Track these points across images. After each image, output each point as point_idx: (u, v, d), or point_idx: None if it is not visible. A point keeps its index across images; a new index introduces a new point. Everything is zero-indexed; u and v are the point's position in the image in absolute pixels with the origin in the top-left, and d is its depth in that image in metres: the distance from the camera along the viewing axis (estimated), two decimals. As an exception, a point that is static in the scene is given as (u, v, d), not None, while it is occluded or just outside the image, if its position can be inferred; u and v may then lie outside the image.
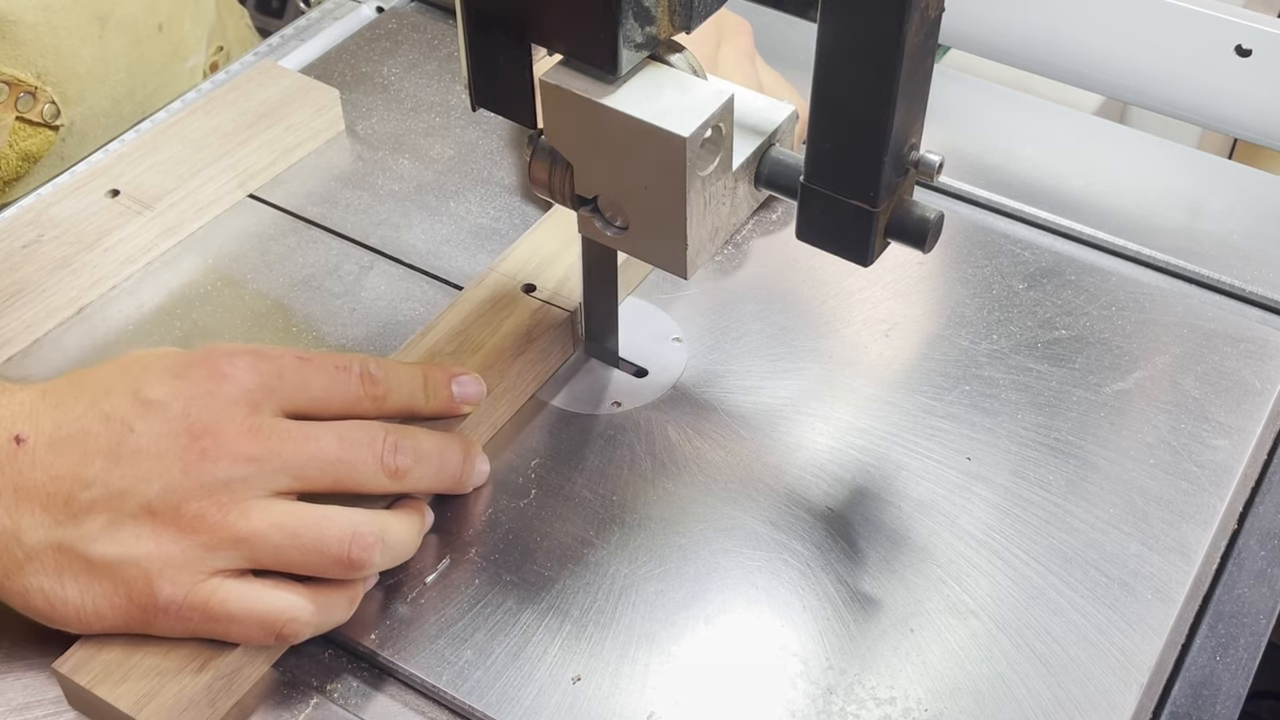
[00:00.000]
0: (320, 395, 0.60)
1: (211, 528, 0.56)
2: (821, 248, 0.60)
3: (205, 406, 0.57)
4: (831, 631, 0.60)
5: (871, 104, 0.54)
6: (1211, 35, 0.85)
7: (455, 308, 0.71)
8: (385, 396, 0.61)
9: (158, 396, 0.57)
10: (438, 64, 0.91)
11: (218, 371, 0.58)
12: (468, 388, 0.65)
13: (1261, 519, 0.67)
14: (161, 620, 0.56)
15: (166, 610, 0.56)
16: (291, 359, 0.60)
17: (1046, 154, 0.85)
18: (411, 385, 0.63)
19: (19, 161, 0.87)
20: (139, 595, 0.56)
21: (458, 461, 0.63)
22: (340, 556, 0.57)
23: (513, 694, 0.58)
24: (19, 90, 0.84)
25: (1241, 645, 0.62)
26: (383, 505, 0.61)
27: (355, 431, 0.59)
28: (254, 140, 0.81)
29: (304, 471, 0.57)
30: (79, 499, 0.56)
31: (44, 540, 0.56)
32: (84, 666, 0.57)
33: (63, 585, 0.56)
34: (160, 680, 0.56)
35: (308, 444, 0.58)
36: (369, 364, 0.61)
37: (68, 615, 0.56)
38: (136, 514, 0.56)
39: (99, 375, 0.59)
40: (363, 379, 0.61)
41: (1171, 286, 0.77)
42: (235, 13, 1.07)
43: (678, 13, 0.57)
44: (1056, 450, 0.68)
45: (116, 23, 0.89)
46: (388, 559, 0.59)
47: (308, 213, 0.80)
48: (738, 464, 0.67)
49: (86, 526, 0.55)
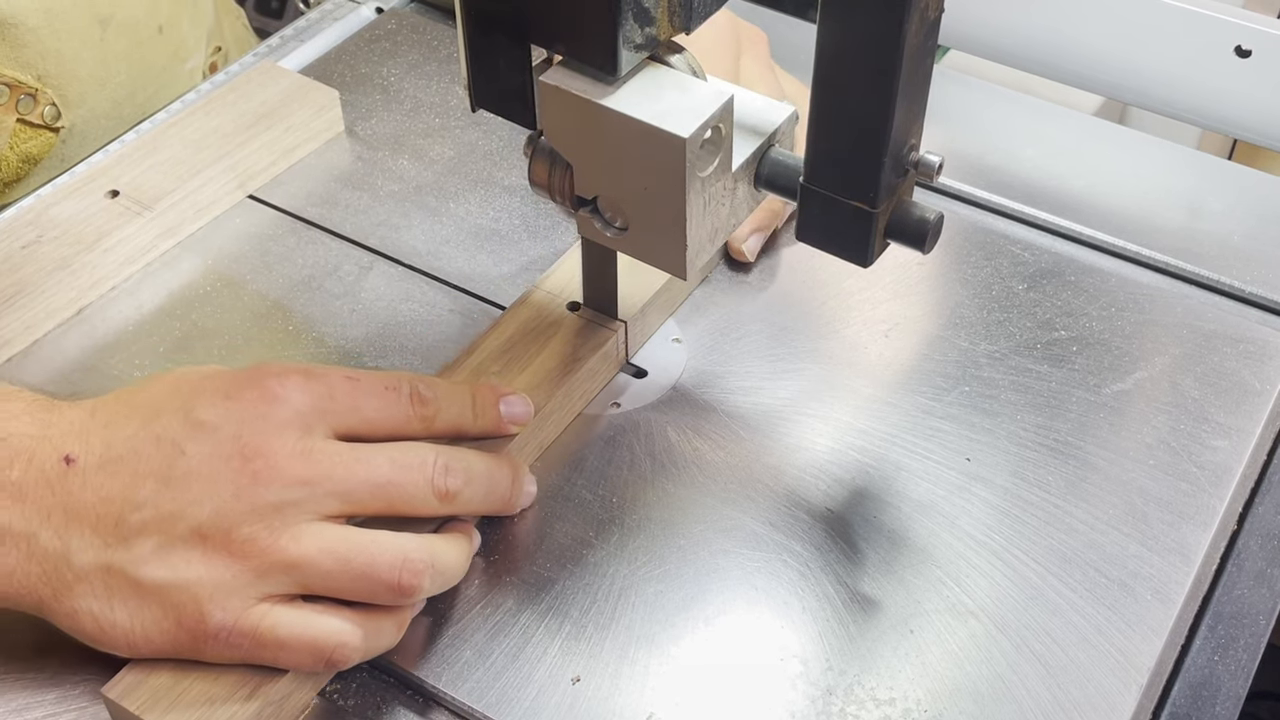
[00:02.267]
0: (371, 416, 0.59)
1: (262, 552, 0.55)
2: (821, 248, 0.60)
3: (257, 429, 0.56)
4: (831, 632, 0.60)
5: (871, 105, 0.54)
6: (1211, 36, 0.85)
7: (500, 326, 0.70)
8: (434, 417, 0.60)
9: (209, 418, 0.56)
10: (437, 65, 0.91)
11: (269, 393, 0.57)
12: (515, 408, 0.64)
13: (1261, 520, 0.67)
14: (211, 646, 0.56)
15: (216, 636, 0.55)
16: (341, 379, 0.59)
17: (1046, 155, 0.85)
18: (460, 405, 0.62)
19: (19, 163, 0.87)
20: (189, 620, 0.55)
21: (507, 483, 0.62)
22: (391, 583, 0.56)
23: (512, 694, 0.58)
24: (20, 92, 0.84)
25: (1241, 646, 0.62)
26: (430, 528, 0.60)
27: (406, 454, 0.58)
28: (254, 141, 0.81)
29: (355, 495, 0.57)
30: (129, 521, 0.55)
31: (93, 562, 0.55)
32: (133, 692, 0.56)
33: (112, 608, 0.55)
34: (209, 709, 0.55)
35: (359, 466, 0.57)
36: (418, 384, 0.60)
37: (116, 639, 0.56)
38: (187, 537, 0.55)
39: (149, 394, 0.58)
40: (412, 399, 0.60)
41: (1171, 287, 0.77)
42: (232, 13, 1.07)
43: (677, 14, 0.57)
44: (1056, 451, 0.68)
45: (118, 25, 0.89)
46: (438, 584, 0.59)
47: (307, 213, 0.80)
48: (737, 465, 0.67)
49: (137, 549, 0.55)
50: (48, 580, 0.55)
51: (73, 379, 0.71)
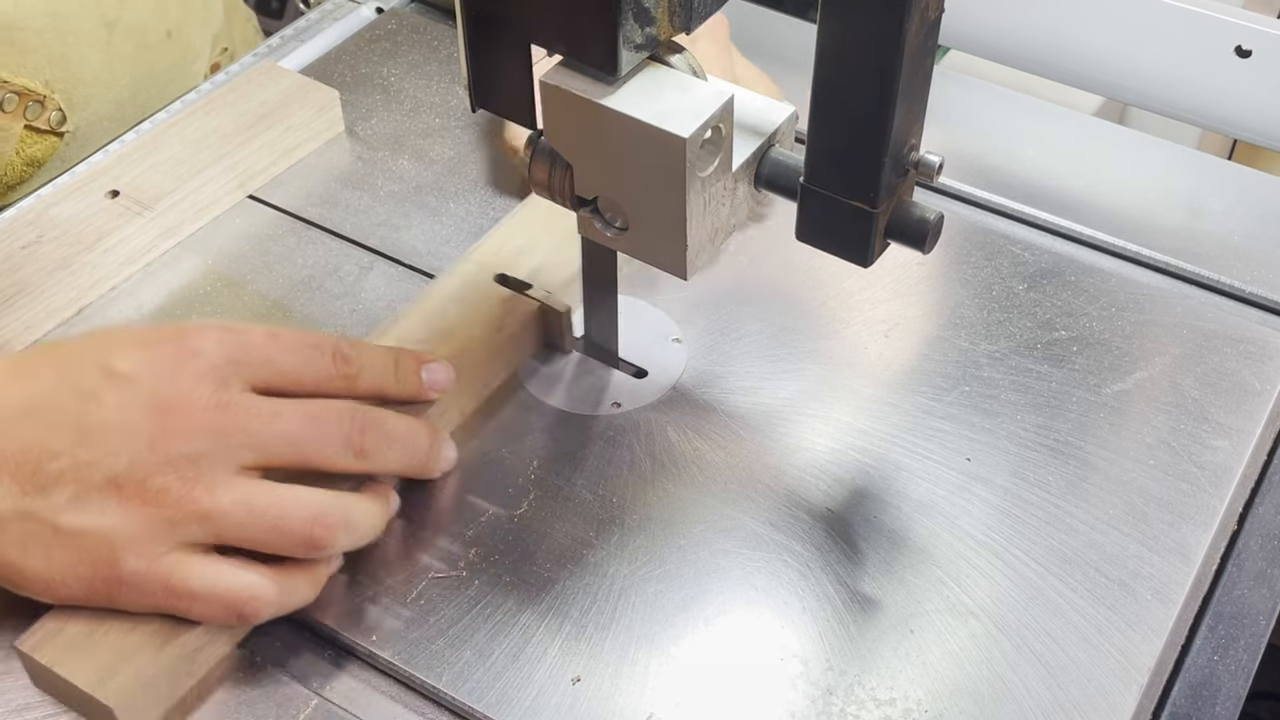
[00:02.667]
0: (289, 372, 0.60)
1: (176, 502, 0.56)
2: (821, 248, 0.60)
3: (172, 381, 0.57)
4: (831, 632, 0.60)
5: (871, 105, 0.54)
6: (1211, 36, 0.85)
7: (427, 297, 0.71)
8: (357, 376, 0.62)
9: (124, 369, 0.57)
10: (438, 65, 0.91)
11: (186, 346, 0.58)
12: (436, 374, 0.65)
13: (1261, 520, 0.67)
14: (124, 593, 0.56)
15: (129, 582, 0.56)
16: (261, 334, 0.60)
17: (1046, 155, 0.85)
18: (383, 367, 0.63)
19: (23, 167, 0.87)
20: (103, 566, 0.56)
21: (425, 445, 0.63)
22: (303, 536, 0.57)
23: (512, 695, 0.58)
24: (28, 99, 0.84)
25: (1241, 646, 0.62)
26: (349, 487, 0.61)
27: (324, 410, 0.59)
28: (254, 141, 0.81)
29: (270, 448, 0.58)
30: (47, 469, 0.56)
31: (11, 509, 0.56)
32: (46, 644, 0.57)
33: (28, 554, 0.56)
34: (120, 658, 0.56)
35: (275, 420, 0.58)
36: (342, 344, 0.62)
37: (33, 583, 0.57)
38: (103, 486, 0.56)
39: (68, 347, 0.60)
40: (335, 358, 0.61)
41: (1171, 287, 0.77)
42: (242, 15, 1.07)
43: (677, 14, 0.57)
44: (1056, 451, 0.68)
45: (124, 28, 0.89)
46: (351, 540, 0.60)
47: (307, 213, 0.80)
48: (737, 465, 0.67)
49: (54, 497, 0.56)
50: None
51: (73, 379, 0.71)
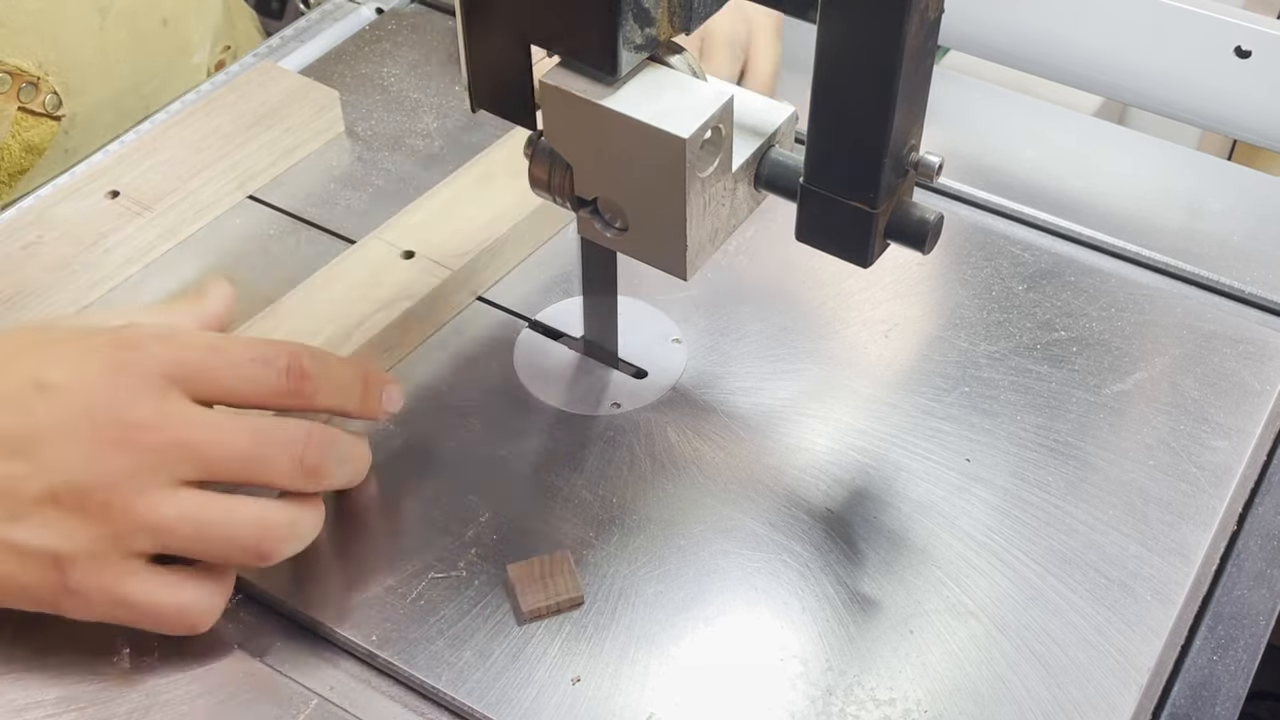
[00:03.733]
0: (233, 386, 0.58)
1: (119, 517, 0.55)
2: (821, 249, 0.60)
3: (107, 393, 0.55)
4: (831, 633, 0.60)
5: (871, 105, 0.54)
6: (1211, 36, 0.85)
7: (334, 269, 0.73)
8: (314, 394, 0.59)
9: (57, 379, 0.56)
10: (438, 65, 0.91)
11: (121, 356, 0.56)
12: (394, 402, 0.63)
13: (1261, 520, 0.67)
14: (69, 602, 0.56)
15: (75, 594, 0.55)
16: (202, 347, 0.58)
17: (1046, 155, 0.85)
18: (346, 385, 0.61)
19: (22, 153, 0.87)
20: (49, 578, 0.55)
21: (365, 463, 0.61)
22: (252, 549, 0.57)
23: (512, 695, 0.58)
24: (21, 80, 0.84)
25: (1241, 646, 0.62)
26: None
27: (273, 431, 0.57)
28: (254, 141, 0.81)
29: (213, 464, 0.56)
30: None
31: None
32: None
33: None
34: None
35: (217, 435, 0.56)
36: (302, 357, 0.59)
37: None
38: (41, 499, 0.55)
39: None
40: (289, 373, 0.58)
41: (1171, 288, 0.77)
42: (245, 14, 1.07)
43: (677, 14, 0.57)
44: (1056, 452, 0.68)
45: (117, 14, 0.89)
46: (295, 549, 0.58)
47: (307, 214, 0.80)
48: (737, 465, 0.67)
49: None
50: None
51: (73, 379, 0.71)
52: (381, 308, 0.70)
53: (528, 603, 0.60)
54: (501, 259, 0.76)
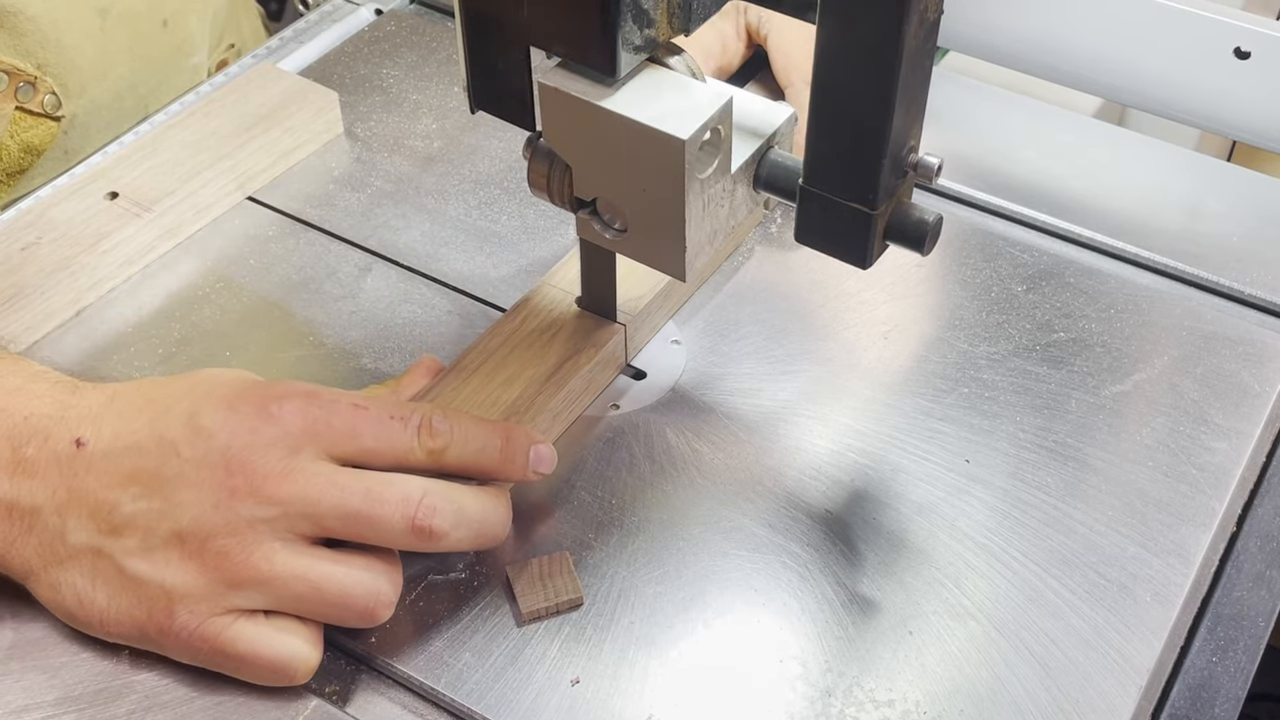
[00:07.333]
0: (371, 445, 0.58)
1: (235, 566, 0.56)
2: (820, 250, 0.60)
3: (245, 444, 0.57)
4: (830, 634, 0.60)
5: (870, 106, 0.54)
6: (1210, 37, 0.85)
7: (501, 326, 0.69)
8: (444, 450, 0.59)
9: (209, 425, 0.57)
10: (437, 66, 0.91)
11: (265, 411, 0.57)
12: (543, 461, 0.62)
13: (1260, 521, 0.67)
14: (172, 643, 0.57)
15: (179, 636, 0.56)
16: (346, 406, 0.58)
17: (1045, 156, 0.85)
18: (484, 443, 0.60)
19: (20, 154, 0.87)
20: (157, 615, 0.56)
21: (501, 523, 0.61)
22: (362, 612, 0.57)
23: (511, 696, 0.58)
24: (19, 80, 0.84)
25: (1240, 648, 0.62)
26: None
27: (387, 488, 0.57)
28: (253, 143, 0.81)
29: (325, 520, 0.56)
30: (121, 511, 0.56)
31: (85, 544, 0.57)
32: None
33: (94, 588, 0.57)
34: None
35: (333, 492, 0.56)
36: (433, 416, 0.59)
37: (91, 617, 0.57)
38: (168, 538, 0.56)
39: (166, 390, 0.59)
40: (420, 430, 0.59)
41: (1170, 289, 0.77)
42: (251, 11, 1.07)
43: (676, 15, 0.57)
44: (1055, 453, 0.68)
45: (117, 16, 0.89)
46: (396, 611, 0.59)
47: (306, 215, 0.80)
48: (736, 466, 0.67)
49: (124, 540, 0.56)
50: (41, 553, 0.57)
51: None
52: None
53: (527, 604, 0.60)
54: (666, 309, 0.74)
